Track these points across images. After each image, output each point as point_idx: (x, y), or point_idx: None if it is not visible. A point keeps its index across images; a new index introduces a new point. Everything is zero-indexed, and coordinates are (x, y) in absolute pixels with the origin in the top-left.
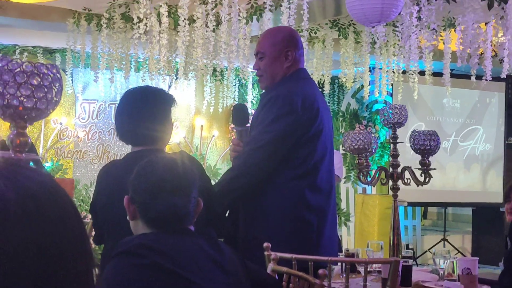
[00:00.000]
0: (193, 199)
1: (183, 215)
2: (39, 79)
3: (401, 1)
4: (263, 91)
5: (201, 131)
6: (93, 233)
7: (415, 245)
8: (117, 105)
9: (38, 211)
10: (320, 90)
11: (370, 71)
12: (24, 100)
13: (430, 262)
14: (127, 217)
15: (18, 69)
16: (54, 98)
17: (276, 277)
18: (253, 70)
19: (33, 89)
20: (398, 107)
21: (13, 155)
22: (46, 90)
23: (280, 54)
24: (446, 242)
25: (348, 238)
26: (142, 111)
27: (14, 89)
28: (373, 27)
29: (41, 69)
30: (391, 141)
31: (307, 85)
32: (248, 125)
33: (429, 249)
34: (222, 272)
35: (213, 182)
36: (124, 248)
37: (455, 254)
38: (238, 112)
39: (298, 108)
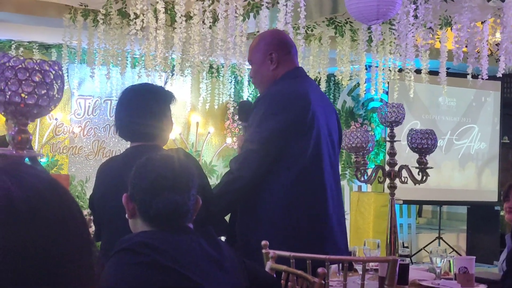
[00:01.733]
0: (192, 197)
1: (183, 212)
2: (41, 76)
3: None
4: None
5: (196, 127)
6: (92, 229)
7: (410, 243)
8: (115, 101)
9: (43, 208)
10: None
11: (366, 69)
12: (26, 97)
13: (425, 260)
14: (126, 215)
15: (20, 66)
16: (56, 95)
17: (275, 275)
18: (249, 67)
19: (34, 86)
20: (396, 106)
21: (14, 152)
22: (47, 87)
23: (264, 58)
24: (441, 240)
25: None
26: (141, 108)
27: (15, 86)
28: (371, 25)
29: (43, 66)
30: (388, 139)
31: (299, 83)
32: None
33: (424, 247)
34: (220, 271)
35: (209, 179)
36: (124, 246)
37: (450, 253)
38: (243, 108)
39: (284, 106)
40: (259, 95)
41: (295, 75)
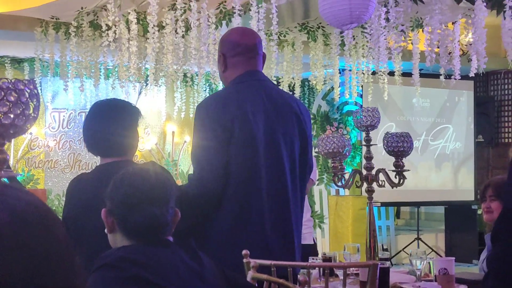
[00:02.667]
0: (171, 209)
1: (162, 224)
2: (16, 95)
3: (372, 1)
4: None
5: (172, 137)
6: None
7: (389, 245)
8: (85, 116)
9: (26, 232)
10: (291, 93)
11: (340, 73)
12: (2, 116)
13: (405, 261)
14: (105, 230)
15: None
16: (32, 114)
17: (256, 285)
18: None
19: (10, 105)
20: (371, 110)
21: None
22: (23, 106)
23: (219, 59)
24: (419, 241)
25: (322, 240)
26: (112, 123)
27: None
28: (346, 30)
29: (18, 85)
30: (365, 143)
31: (235, 88)
32: None
33: (403, 249)
34: (202, 282)
35: None
36: (105, 262)
37: (429, 253)
38: None
39: (208, 115)
40: None
41: (241, 80)
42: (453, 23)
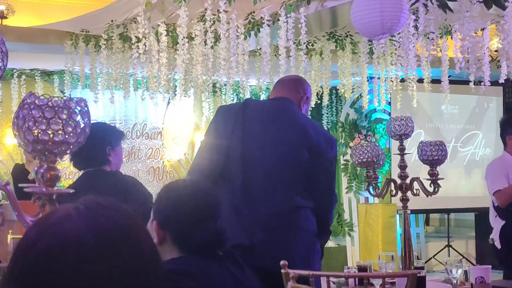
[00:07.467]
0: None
1: (225, 239)
2: (67, 113)
3: (403, 12)
4: None
5: None
6: None
7: (420, 252)
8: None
9: (113, 254)
10: (319, 101)
11: (368, 80)
12: (54, 134)
13: (436, 269)
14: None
15: (47, 104)
16: (82, 132)
17: None
18: (251, 85)
19: (62, 123)
20: (404, 119)
21: (44, 190)
22: (74, 124)
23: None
24: (450, 248)
25: (352, 248)
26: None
27: (44, 125)
28: (377, 39)
29: (69, 103)
30: (399, 153)
31: None
32: None
33: (433, 256)
34: None
35: None
36: None
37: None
38: None
39: None
40: None
41: None
42: (482, 29)
